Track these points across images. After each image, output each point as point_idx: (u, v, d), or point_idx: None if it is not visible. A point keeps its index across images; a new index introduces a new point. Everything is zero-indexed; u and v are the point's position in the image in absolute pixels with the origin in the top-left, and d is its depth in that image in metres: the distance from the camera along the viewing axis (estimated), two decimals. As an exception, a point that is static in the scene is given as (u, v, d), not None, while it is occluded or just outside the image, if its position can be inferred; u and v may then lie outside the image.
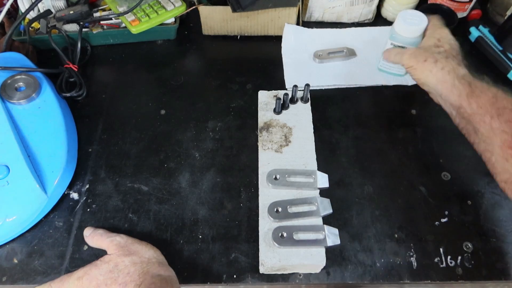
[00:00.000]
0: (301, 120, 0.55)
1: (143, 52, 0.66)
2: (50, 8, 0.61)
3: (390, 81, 0.61)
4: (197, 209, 0.50)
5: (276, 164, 0.51)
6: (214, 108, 0.59)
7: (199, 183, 0.52)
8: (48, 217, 0.49)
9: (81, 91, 0.58)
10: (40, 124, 0.52)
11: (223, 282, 0.45)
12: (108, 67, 0.64)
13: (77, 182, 0.52)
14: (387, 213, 0.49)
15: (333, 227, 0.46)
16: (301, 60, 0.64)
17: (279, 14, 0.64)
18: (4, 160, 0.47)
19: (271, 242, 0.45)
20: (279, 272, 0.45)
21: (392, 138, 0.56)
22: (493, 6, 0.70)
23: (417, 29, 0.54)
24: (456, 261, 0.46)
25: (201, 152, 0.54)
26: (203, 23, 0.66)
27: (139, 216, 0.49)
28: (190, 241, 0.47)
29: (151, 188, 0.51)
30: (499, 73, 0.62)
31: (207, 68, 0.64)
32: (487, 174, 0.52)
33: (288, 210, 0.47)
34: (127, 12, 0.61)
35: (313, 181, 0.49)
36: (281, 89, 0.59)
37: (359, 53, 0.65)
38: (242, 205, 0.50)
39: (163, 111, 0.59)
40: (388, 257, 0.46)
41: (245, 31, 0.67)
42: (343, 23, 0.69)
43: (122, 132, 0.57)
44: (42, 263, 0.46)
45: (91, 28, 0.64)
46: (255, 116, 0.56)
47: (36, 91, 0.53)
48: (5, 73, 0.54)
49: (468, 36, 0.66)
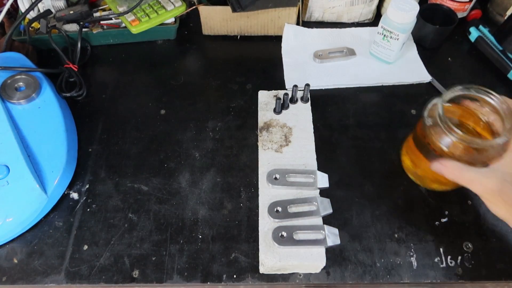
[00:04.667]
0: (301, 120, 0.55)
1: (143, 52, 0.66)
2: (50, 8, 0.61)
3: (390, 81, 0.62)
4: (197, 209, 0.50)
5: (276, 164, 0.51)
6: (214, 108, 0.59)
7: (199, 183, 0.52)
8: (48, 217, 0.49)
9: (81, 91, 0.58)
10: (40, 124, 0.52)
11: (223, 282, 0.45)
12: (108, 67, 0.64)
13: (77, 182, 0.52)
14: (387, 213, 0.49)
15: (333, 227, 0.46)
16: (301, 60, 0.64)
17: (279, 14, 0.64)
18: (4, 160, 0.47)
19: (271, 242, 0.45)
20: (279, 272, 0.45)
21: (392, 138, 0.56)
22: (493, 6, 0.70)
23: (408, 15, 0.56)
24: (456, 261, 0.46)
25: (201, 152, 0.55)
26: (203, 23, 0.66)
27: (139, 216, 0.49)
28: (190, 241, 0.47)
29: (151, 188, 0.51)
30: (499, 73, 0.62)
31: (207, 68, 0.64)
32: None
33: (288, 210, 0.47)
34: (127, 12, 0.61)
35: (313, 181, 0.49)
36: (281, 89, 0.59)
37: (359, 53, 0.65)
38: (242, 205, 0.50)
39: (163, 111, 0.59)
40: (388, 257, 0.46)
41: (245, 31, 0.67)
42: (343, 23, 0.70)
43: (122, 132, 0.57)
44: (42, 263, 0.46)
45: (91, 28, 0.64)
46: (255, 116, 0.56)
47: (36, 91, 0.53)
48: (5, 73, 0.54)
49: (468, 36, 0.66)
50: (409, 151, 0.49)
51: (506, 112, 0.40)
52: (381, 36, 0.60)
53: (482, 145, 0.40)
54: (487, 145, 0.39)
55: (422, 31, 0.64)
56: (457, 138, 0.40)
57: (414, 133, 0.48)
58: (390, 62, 0.63)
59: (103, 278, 0.45)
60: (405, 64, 0.63)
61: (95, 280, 0.45)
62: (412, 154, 0.49)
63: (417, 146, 0.47)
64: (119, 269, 0.45)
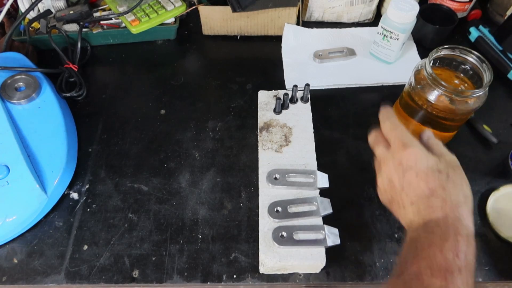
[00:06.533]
0: (301, 120, 0.55)
1: (143, 52, 0.66)
2: (50, 8, 0.61)
3: (390, 81, 0.62)
4: (197, 209, 0.50)
5: (276, 164, 0.51)
6: (214, 108, 0.59)
7: (199, 183, 0.52)
8: (48, 217, 0.49)
9: (81, 91, 0.58)
10: (40, 124, 0.52)
11: (223, 282, 0.45)
12: (108, 67, 0.64)
13: (77, 182, 0.52)
14: (387, 213, 0.49)
15: (333, 227, 0.46)
16: (301, 60, 0.64)
17: (279, 14, 0.64)
18: (4, 160, 0.47)
19: (271, 242, 0.45)
20: (279, 272, 0.45)
21: (392, 138, 0.55)
22: (493, 6, 0.70)
23: (408, 15, 0.56)
24: (456, 261, 0.46)
25: (201, 152, 0.54)
26: (203, 23, 0.66)
27: (139, 216, 0.49)
28: (190, 241, 0.47)
29: (151, 188, 0.51)
30: (499, 73, 0.62)
31: (207, 68, 0.64)
32: (487, 174, 0.53)
33: (288, 210, 0.47)
34: (127, 12, 0.61)
35: (313, 181, 0.49)
36: (281, 89, 0.59)
37: (359, 53, 0.65)
38: (242, 205, 0.50)
39: (163, 111, 0.59)
40: (388, 257, 0.46)
41: (245, 31, 0.67)
42: (343, 23, 0.69)
43: (122, 132, 0.56)
44: (42, 263, 0.46)
45: (91, 28, 0.64)
46: (255, 116, 0.56)
47: (36, 91, 0.53)
48: (5, 73, 0.54)
49: (468, 36, 0.66)
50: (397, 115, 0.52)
51: (485, 67, 0.47)
52: (381, 36, 0.60)
53: (464, 94, 0.46)
54: (468, 94, 0.46)
55: (422, 31, 0.64)
56: (443, 90, 0.46)
57: (400, 99, 0.55)
58: (390, 62, 0.63)
59: (103, 278, 0.45)
60: (405, 64, 0.63)
61: (95, 280, 0.45)
62: (399, 117, 0.54)
63: (404, 108, 0.54)
64: (119, 269, 0.45)
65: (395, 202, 0.39)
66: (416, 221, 0.37)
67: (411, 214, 0.37)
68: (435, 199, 0.36)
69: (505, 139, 0.55)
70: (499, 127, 0.57)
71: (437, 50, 0.49)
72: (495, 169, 0.53)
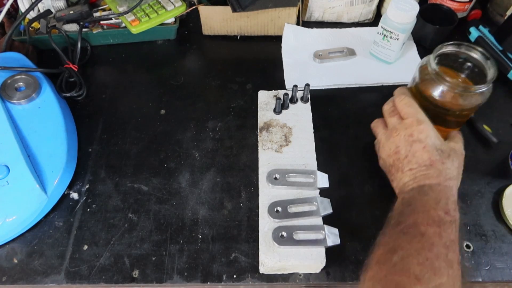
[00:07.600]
0: (301, 120, 0.55)
1: (143, 52, 0.66)
2: (50, 8, 0.61)
3: (390, 81, 0.61)
4: (197, 209, 0.50)
5: (276, 164, 0.51)
6: (214, 108, 0.59)
7: (199, 183, 0.52)
8: (48, 217, 0.49)
9: (81, 91, 0.58)
10: (40, 124, 0.52)
11: (223, 282, 0.45)
12: (108, 67, 0.64)
13: (77, 182, 0.52)
14: (387, 213, 0.49)
15: (333, 227, 0.46)
16: (301, 60, 0.64)
17: (279, 14, 0.64)
18: (4, 160, 0.47)
19: (271, 242, 0.45)
20: (279, 272, 0.45)
21: (392, 138, 0.55)
22: (493, 6, 0.70)
23: (408, 15, 0.56)
24: (456, 261, 0.46)
25: (201, 152, 0.54)
26: (203, 23, 0.66)
27: (139, 216, 0.49)
28: (190, 241, 0.47)
29: (151, 188, 0.51)
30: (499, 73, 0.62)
31: (207, 68, 0.64)
32: (487, 174, 0.53)
33: (288, 210, 0.47)
34: (127, 12, 0.61)
35: (313, 181, 0.49)
36: (281, 89, 0.59)
37: (359, 53, 0.65)
38: (242, 205, 0.50)
39: (163, 111, 0.59)
40: (388, 257, 0.46)
41: (245, 31, 0.67)
42: (343, 23, 0.69)
43: (122, 132, 0.56)
44: (42, 263, 0.46)
45: (91, 28, 0.64)
46: (255, 116, 0.56)
47: (36, 91, 0.53)
48: (5, 73, 0.54)
49: (468, 36, 0.66)
50: None
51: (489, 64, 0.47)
52: (381, 36, 0.60)
53: (468, 90, 0.46)
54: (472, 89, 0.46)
55: (422, 31, 0.64)
56: (448, 85, 0.46)
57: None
58: (390, 62, 0.63)
59: (103, 278, 0.45)
60: (405, 64, 0.63)
61: (95, 280, 0.45)
62: None
63: None
64: (119, 269, 0.45)
65: (395, 167, 0.45)
66: (410, 185, 0.43)
67: (407, 178, 0.43)
68: (433, 169, 0.42)
69: (505, 139, 0.55)
70: (499, 127, 0.57)
71: (442, 46, 0.48)
72: (495, 169, 0.53)
